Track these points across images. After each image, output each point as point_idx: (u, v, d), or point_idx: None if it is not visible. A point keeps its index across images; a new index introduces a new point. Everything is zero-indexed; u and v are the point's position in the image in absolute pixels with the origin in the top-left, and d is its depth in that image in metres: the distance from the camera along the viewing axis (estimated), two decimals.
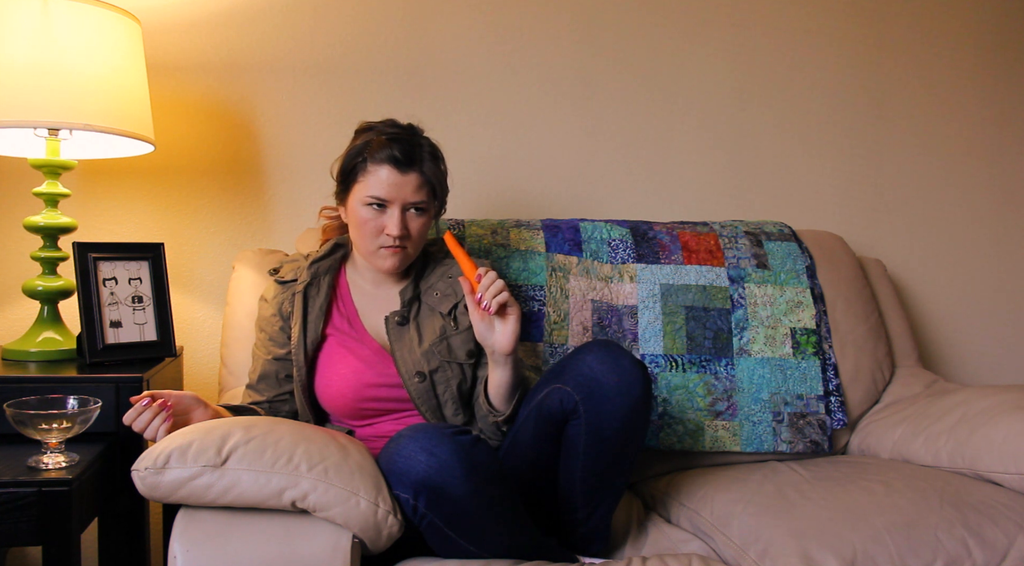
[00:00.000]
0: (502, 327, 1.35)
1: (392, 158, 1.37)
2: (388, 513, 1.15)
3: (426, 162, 1.41)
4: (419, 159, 1.40)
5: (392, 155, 1.37)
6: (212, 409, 1.32)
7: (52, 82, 1.46)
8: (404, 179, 1.38)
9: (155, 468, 1.12)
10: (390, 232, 1.38)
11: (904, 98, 2.22)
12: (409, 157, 1.38)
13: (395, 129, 1.42)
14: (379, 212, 1.39)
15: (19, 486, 1.18)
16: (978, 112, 2.28)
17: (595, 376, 1.26)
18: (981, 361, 2.32)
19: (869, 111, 2.20)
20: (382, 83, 1.99)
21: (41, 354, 1.56)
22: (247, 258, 1.72)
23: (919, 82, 2.24)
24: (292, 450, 1.16)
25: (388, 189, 1.38)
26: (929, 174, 2.26)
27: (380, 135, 1.40)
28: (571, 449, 1.31)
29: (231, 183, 1.95)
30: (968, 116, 2.27)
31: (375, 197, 1.38)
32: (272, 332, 1.47)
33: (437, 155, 1.44)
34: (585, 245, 1.78)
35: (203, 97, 1.92)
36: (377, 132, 1.41)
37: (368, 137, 1.41)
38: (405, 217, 1.40)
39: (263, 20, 1.94)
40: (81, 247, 1.54)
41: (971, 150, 2.28)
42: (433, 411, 1.42)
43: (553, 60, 2.06)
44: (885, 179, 2.23)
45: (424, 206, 1.41)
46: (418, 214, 1.41)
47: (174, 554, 1.10)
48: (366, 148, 1.40)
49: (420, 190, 1.40)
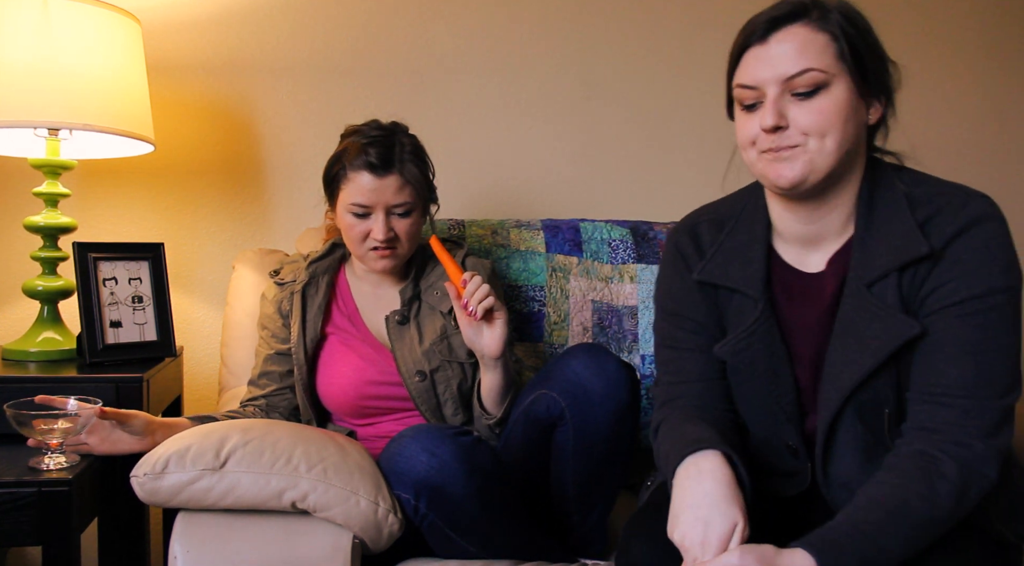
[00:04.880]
0: (489, 332, 1.34)
1: (368, 164, 1.36)
2: (388, 512, 1.15)
3: (406, 163, 1.38)
4: (397, 160, 1.38)
5: (368, 161, 1.36)
6: (166, 427, 1.30)
7: (52, 82, 1.45)
8: (383, 183, 1.37)
9: (154, 473, 1.12)
10: (376, 237, 1.38)
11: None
12: (386, 160, 1.37)
13: (374, 132, 1.40)
14: (364, 217, 1.39)
15: (19, 486, 1.18)
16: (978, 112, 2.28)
17: (580, 381, 1.26)
18: None
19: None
20: (382, 83, 1.98)
21: (41, 354, 1.56)
22: (247, 258, 1.72)
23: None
24: (291, 451, 1.16)
25: (368, 195, 1.37)
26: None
27: (357, 141, 1.38)
28: (560, 454, 1.31)
29: (231, 183, 1.95)
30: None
31: (356, 204, 1.38)
32: (275, 329, 1.47)
33: (419, 153, 1.42)
34: (585, 245, 1.78)
35: (203, 97, 1.92)
36: (355, 137, 1.40)
37: (346, 143, 1.40)
38: (390, 220, 1.39)
39: (263, 20, 1.94)
40: (81, 247, 1.54)
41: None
42: (433, 410, 1.42)
43: (553, 60, 2.06)
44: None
45: (408, 207, 1.39)
46: (403, 216, 1.40)
47: (174, 555, 1.10)
48: (344, 155, 1.39)
49: (401, 192, 1.38)
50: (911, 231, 0.98)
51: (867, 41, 0.99)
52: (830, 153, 0.97)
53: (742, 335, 1.07)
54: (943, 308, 0.96)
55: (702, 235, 1.14)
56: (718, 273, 1.10)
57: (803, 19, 0.97)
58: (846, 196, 1.03)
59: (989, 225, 0.97)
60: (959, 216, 0.97)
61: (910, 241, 0.97)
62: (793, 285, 1.08)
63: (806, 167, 0.97)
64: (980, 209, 0.97)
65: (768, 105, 0.98)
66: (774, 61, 0.97)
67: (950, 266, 0.96)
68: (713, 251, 1.11)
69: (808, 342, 1.06)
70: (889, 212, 1.00)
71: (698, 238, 1.14)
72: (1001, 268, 0.95)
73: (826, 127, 0.96)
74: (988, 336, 0.95)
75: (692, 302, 1.13)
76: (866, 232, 1.01)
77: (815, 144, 0.97)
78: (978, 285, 0.95)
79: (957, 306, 0.96)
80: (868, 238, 1.01)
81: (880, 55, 1.00)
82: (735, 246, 1.10)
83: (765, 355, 1.07)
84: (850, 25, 0.97)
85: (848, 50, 0.97)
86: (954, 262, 0.96)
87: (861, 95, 0.99)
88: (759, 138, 1.00)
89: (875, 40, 1.00)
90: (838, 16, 0.97)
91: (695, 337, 1.13)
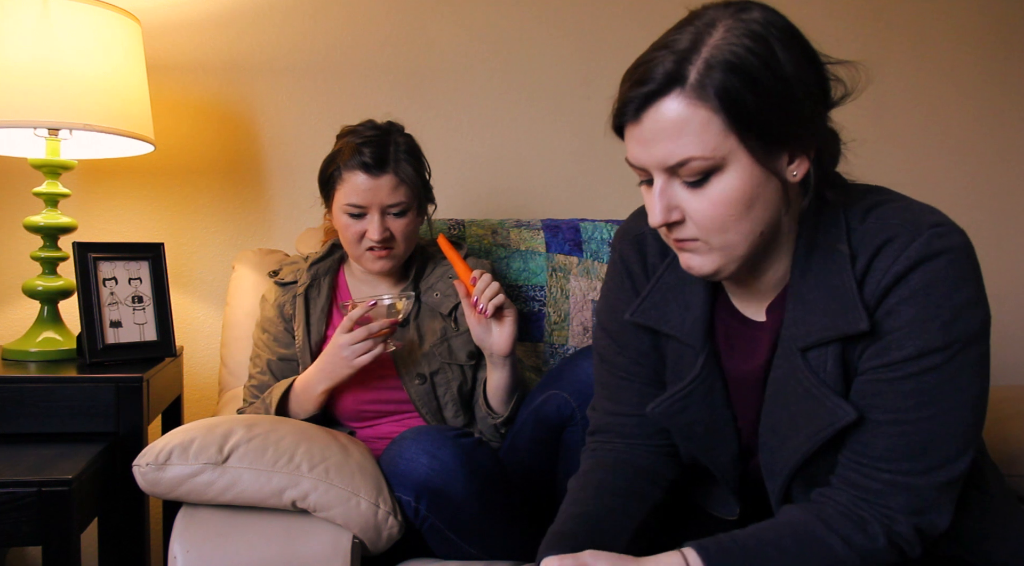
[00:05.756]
0: (499, 330, 1.34)
1: (362, 164, 1.35)
2: (388, 514, 1.15)
3: (401, 162, 1.38)
4: (392, 160, 1.37)
5: (362, 161, 1.35)
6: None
7: (52, 82, 1.45)
8: (377, 183, 1.36)
9: (156, 464, 1.12)
10: (371, 237, 1.38)
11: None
12: (380, 160, 1.36)
13: (368, 132, 1.39)
14: (359, 218, 1.38)
15: (19, 486, 1.18)
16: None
17: (592, 382, 1.26)
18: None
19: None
20: (382, 83, 1.99)
21: (41, 354, 1.56)
22: (247, 258, 1.72)
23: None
24: (293, 449, 1.16)
25: (363, 195, 1.36)
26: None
27: (351, 141, 1.38)
28: (569, 455, 1.31)
29: (231, 183, 1.95)
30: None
31: (352, 204, 1.37)
32: (276, 332, 1.47)
33: (415, 152, 1.42)
34: (585, 245, 1.77)
35: (203, 97, 1.92)
36: (350, 137, 1.39)
37: (341, 143, 1.40)
38: (385, 220, 1.38)
39: (263, 20, 1.94)
40: (81, 247, 1.54)
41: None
42: (433, 413, 1.42)
43: (553, 60, 2.06)
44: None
45: (404, 207, 1.39)
46: (399, 216, 1.39)
47: (174, 554, 1.10)
48: (339, 155, 1.39)
49: (396, 191, 1.37)
50: (849, 293, 0.83)
51: (768, 89, 0.77)
52: (738, 245, 0.83)
53: (678, 396, 0.95)
54: (871, 369, 0.84)
55: (647, 250, 1.01)
56: (655, 315, 0.97)
57: (676, 89, 0.78)
58: (781, 254, 0.90)
59: (932, 266, 0.80)
60: (898, 261, 0.81)
61: (849, 308, 0.83)
62: (736, 333, 0.96)
63: (717, 262, 0.85)
64: (922, 249, 0.81)
65: (655, 197, 0.83)
66: (651, 147, 0.81)
67: (883, 319, 0.83)
68: (650, 287, 0.98)
69: (748, 393, 0.95)
70: (828, 261, 0.86)
71: (644, 253, 1.01)
72: (943, 321, 0.80)
73: (725, 221, 0.81)
74: (923, 402, 0.81)
75: (633, 331, 1.01)
76: (802, 282, 0.87)
77: (717, 240, 0.83)
78: (910, 345, 0.81)
79: (887, 369, 0.82)
80: (805, 290, 0.87)
81: (791, 96, 0.78)
82: (675, 283, 0.97)
83: (705, 413, 0.96)
84: (740, 79, 0.76)
85: (739, 118, 0.77)
86: (887, 314, 0.82)
87: (768, 161, 0.80)
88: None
89: (785, 75, 0.78)
90: (720, 75, 0.76)
91: (636, 366, 1.02)
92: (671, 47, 0.80)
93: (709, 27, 0.79)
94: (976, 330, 0.82)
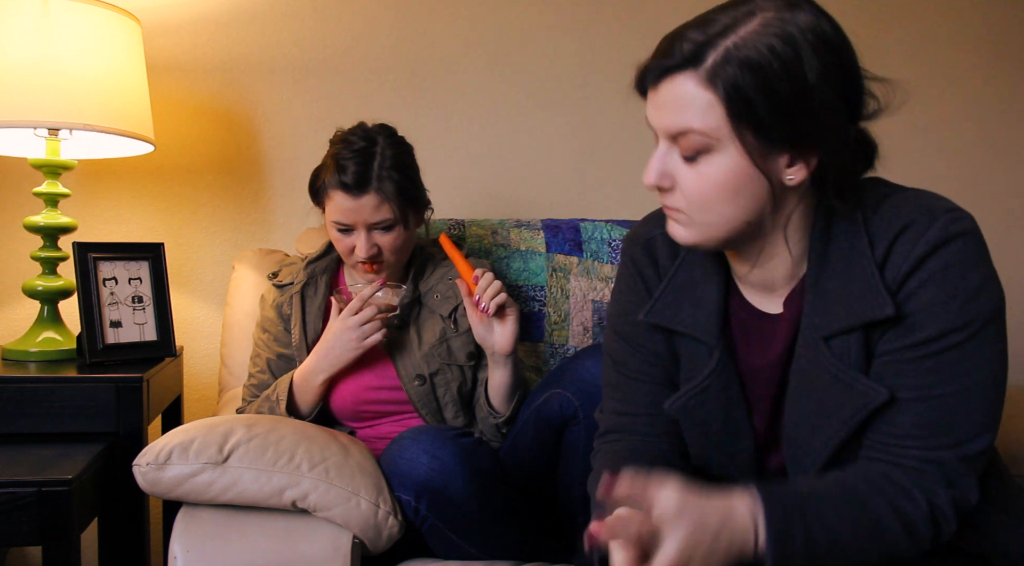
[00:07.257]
0: (501, 328, 1.35)
1: (342, 184, 1.33)
2: (388, 514, 1.15)
3: (384, 180, 1.33)
4: (375, 177, 1.33)
5: (342, 181, 1.32)
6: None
7: (52, 82, 1.45)
8: (359, 203, 1.34)
9: (156, 464, 1.12)
10: (358, 254, 1.37)
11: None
12: (361, 180, 1.32)
13: (353, 145, 1.35)
14: (347, 233, 1.38)
15: (19, 486, 1.18)
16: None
17: (595, 381, 1.26)
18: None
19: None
20: (382, 83, 1.98)
21: (41, 354, 1.56)
22: (247, 258, 1.72)
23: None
24: (294, 449, 1.16)
25: (346, 214, 1.35)
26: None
27: (334, 155, 1.35)
28: (571, 454, 1.31)
29: (231, 183, 1.95)
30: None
31: (337, 222, 1.37)
32: (276, 332, 1.47)
33: (401, 165, 1.36)
34: (586, 245, 1.77)
35: (203, 97, 1.92)
36: (337, 147, 1.36)
37: (328, 155, 1.38)
38: (372, 236, 1.37)
39: (263, 20, 1.94)
40: (81, 247, 1.54)
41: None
42: (433, 413, 1.42)
43: (553, 59, 2.06)
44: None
45: (389, 223, 1.36)
46: (386, 231, 1.37)
47: (174, 554, 1.10)
48: (324, 170, 1.37)
49: (379, 210, 1.34)
50: (871, 280, 0.86)
51: (781, 94, 0.79)
52: (718, 227, 0.86)
53: (694, 391, 0.97)
54: (892, 351, 0.86)
55: (658, 252, 1.03)
56: (668, 315, 0.98)
57: (691, 69, 0.81)
58: (779, 249, 0.91)
59: (950, 248, 0.84)
60: (918, 245, 0.84)
61: (872, 294, 0.85)
62: (751, 326, 0.97)
63: (696, 237, 0.88)
64: (940, 233, 0.84)
65: (655, 159, 0.88)
66: (661, 112, 0.85)
67: (904, 302, 0.85)
68: (663, 288, 1.00)
69: (764, 387, 0.96)
70: (847, 251, 0.88)
71: (655, 256, 1.03)
72: (962, 301, 0.83)
73: (709, 200, 0.85)
74: (946, 378, 0.84)
75: (647, 331, 1.01)
76: (820, 273, 0.89)
77: (699, 217, 0.86)
78: (931, 325, 0.84)
79: (909, 349, 0.85)
80: (823, 280, 0.89)
81: (805, 105, 0.80)
82: (687, 282, 0.99)
83: (721, 409, 0.97)
84: (754, 78, 0.78)
85: (740, 114, 0.80)
86: (907, 297, 0.85)
87: (761, 159, 0.82)
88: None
89: (805, 83, 0.79)
90: (735, 70, 0.79)
91: (648, 367, 1.02)
92: (704, 27, 0.82)
93: (748, 16, 0.81)
94: (994, 307, 0.85)
